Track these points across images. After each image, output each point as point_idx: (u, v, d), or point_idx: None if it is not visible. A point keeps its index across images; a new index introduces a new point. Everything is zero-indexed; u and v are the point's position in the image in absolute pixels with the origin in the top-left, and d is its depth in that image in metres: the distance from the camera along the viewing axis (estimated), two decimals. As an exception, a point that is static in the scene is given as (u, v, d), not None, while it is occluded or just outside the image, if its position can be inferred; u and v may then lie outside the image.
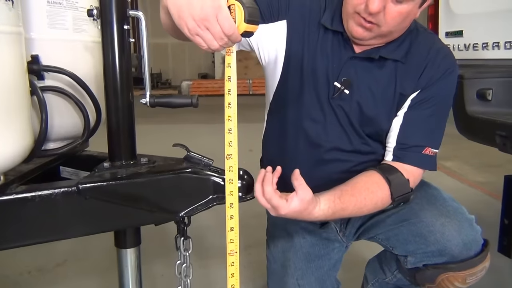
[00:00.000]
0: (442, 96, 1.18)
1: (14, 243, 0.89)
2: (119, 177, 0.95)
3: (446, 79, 1.17)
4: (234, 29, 0.83)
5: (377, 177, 1.13)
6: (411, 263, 1.20)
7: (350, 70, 1.18)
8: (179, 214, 1.00)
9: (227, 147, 0.97)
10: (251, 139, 1.58)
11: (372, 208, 1.12)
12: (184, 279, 1.11)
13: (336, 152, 1.23)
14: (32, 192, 0.87)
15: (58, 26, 1.08)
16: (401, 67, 1.17)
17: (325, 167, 1.25)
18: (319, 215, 1.05)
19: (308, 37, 1.21)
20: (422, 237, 1.15)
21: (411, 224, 1.18)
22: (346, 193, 1.09)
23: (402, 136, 1.18)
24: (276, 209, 1.01)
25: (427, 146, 1.16)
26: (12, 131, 0.84)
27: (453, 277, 1.15)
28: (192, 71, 13.59)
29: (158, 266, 1.99)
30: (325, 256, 1.34)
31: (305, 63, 1.20)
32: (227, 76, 0.95)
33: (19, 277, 1.96)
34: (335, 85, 1.18)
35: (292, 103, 1.24)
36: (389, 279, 1.37)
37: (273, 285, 1.42)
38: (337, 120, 1.21)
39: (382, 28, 1.08)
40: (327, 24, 1.19)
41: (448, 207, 1.17)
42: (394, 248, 1.25)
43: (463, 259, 1.13)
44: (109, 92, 0.99)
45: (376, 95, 1.18)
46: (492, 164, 3.87)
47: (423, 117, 1.17)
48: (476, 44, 2.06)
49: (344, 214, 1.10)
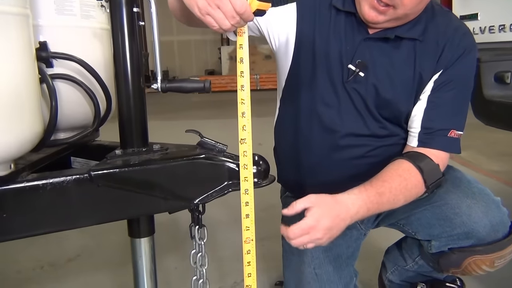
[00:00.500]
0: (464, 76, 1.14)
1: (25, 232, 0.86)
2: (131, 163, 0.92)
3: (466, 58, 1.13)
4: (246, 6, 0.80)
5: (407, 165, 1.08)
6: (436, 247, 1.16)
7: (365, 52, 1.14)
8: (193, 201, 0.97)
9: (240, 131, 0.94)
10: (260, 133, 1.57)
11: (408, 196, 1.07)
12: (200, 269, 1.08)
13: (352, 137, 1.20)
14: (43, 180, 0.85)
15: (66, 12, 1.06)
16: (419, 46, 1.13)
17: (341, 153, 1.21)
18: (355, 207, 0.99)
19: (319, 19, 1.17)
20: (447, 220, 1.12)
21: (435, 207, 1.14)
22: (377, 180, 1.05)
23: (426, 119, 1.14)
24: (311, 229, 0.95)
25: (452, 128, 1.12)
26: (21, 117, 0.82)
27: (481, 260, 1.11)
28: (199, 67, 13.56)
29: (171, 259, 1.97)
30: (343, 245, 1.31)
31: (317, 46, 1.17)
32: (239, 58, 0.92)
33: (32, 272, 1.95)
34: (350, 67, 1.15)
35: (305, 88, 1.21)
36: (410, 266, 1.34)
37: (289, 275, 1.39)
38: (352, 104, 1.17)
39: (398, 10, 1.03)
40: (338, 5, 1.15)
41: (473, 189, 1.13)
42: (417, 233, 1.21)
43: (491, 241, 1.10)
44: (120, 77, 0.97)
45: (394, 77, 1.14)
46: (506, 153, 3.81)
47: (447, 99, 1.13)
48: (492, 27, 2.00)
49: (383, 202, 1.03)
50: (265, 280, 1.82)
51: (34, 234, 0.87)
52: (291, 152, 1.29)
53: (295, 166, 1.29)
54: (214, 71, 12.95)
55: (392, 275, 1.42)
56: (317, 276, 1.29)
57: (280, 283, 1.71)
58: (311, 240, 0.96)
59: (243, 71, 0.92)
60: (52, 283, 1.86)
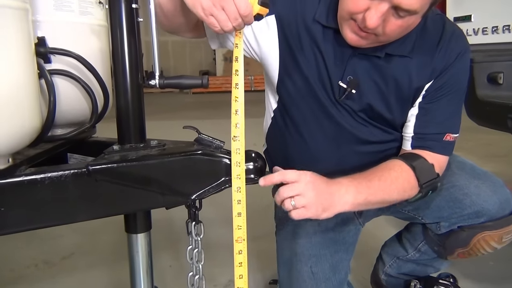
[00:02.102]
0: (457, 80, 1.13)
1: (23, 226, 0.87)
2: (129, 159, 0.93)
3: (458, 63, 1.11)
4: (250, 9, 0.82)
5: (399, 162, 1.08)
6: (446, 227, 1.19)
7: (355, 67, 1.09)
8: (191, 197, 0.98)
9: (233, 129, 0.94)
10: (254, 134, 1.59)
11: (401, 190, 1.05)
12: (196, 265, 1.09)
13: (355, 145, 1.19)
14: (41, 174, 0.85)
15: (64, 8, 1.06)
16: (410, 60, 1.09)
17: (345, 161, 1.20)
18: (345, 181, 1.00)
19: (304, 33, 1.10)
20: (456, 201, 1.14)
21: (443, 189, 1.15)
22: (366, 173, 1.05)
23: (419, 126, 1.13)
24: (296, 177, 0.96)
25: (447, 132, 1.11)
26: (20, 112, 0.82)
27: (490, 236, 1.14)
28: (193, 68, 13.54)
29: (166, 257, 1.97)
30: (340, 240, 1.32)
31: (304, 64, 1.11)
32: (234, 57, 0.94)
33: (26, 270, 1.94)
34: (340, 85, 1.10)
35: (298, 103, 1.17)
36: (411, 255, 1.35)
37: (284, 273, 1.39)
38: (349, 116, 1.15)
39: (380, 37, 1.00)
40: (322, 21, 1.08)
41: (477, 171, 1.17)
42: (424, 216, 1.22)
43: (499, 217, 1.13)
44: (118, 72, 0.97)
45: (387, 94, 1.11)
46: (498, 154, 3.86)
47: (440, 106, 1.12)
48: (485, 28, 2.03)
49: (373, 186, 1.03)
50: (260, 279, 1.82)
51: (32, 228, 0.88)
52: (290, 159, 1.26)
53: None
54: (209, 72, 12.94)
55: (390, 268, 1.43)
56: (313, 275, 1.29)
57: (274, 281, 1.71)
58: (292, 191, 0.95)
59: (237, 69, 0.94)
60: (47, 281, 1.86)
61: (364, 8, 0.94)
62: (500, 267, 1.88)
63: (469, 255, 1.19)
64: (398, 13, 0.93)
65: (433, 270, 1.40)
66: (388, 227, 1.96)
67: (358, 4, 0.95)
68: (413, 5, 0.91)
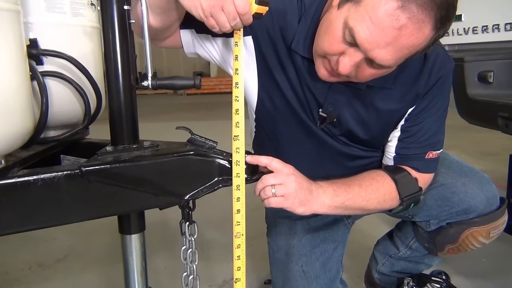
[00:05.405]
0: (438, 102, 1.11)
1: (16, 228, 0.87)
2: (122, 159, 0.93)
3: (442, 86, 1.09)
4: (249, 8, 0.82)
5: (382, 173, 1.10)
6: (435, 224, 1.21)
7: (336, 96, 1.08)
8: (184, 198, 0.98)
9: (234, 128, 0.95)
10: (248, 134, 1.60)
11: (381, 200, 1.06)
12: (190, 265, 1.09)
13: (336, 163, 1.20)
14: (34, 175, 0.85)
15: (56, 10, 1.06)
16: (393, 91, 1.08)
17: (330, 174, 1.18)
18: (323, 183, 1.02)
19: (284, 55, 1.08)
20: (445, 200, 1.16)
21: (431, 189, 1.17)
22: (348, 179, 1.06)
23: (401, 147, 1.14)
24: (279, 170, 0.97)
25: (429, 151, 1.11)
26: (13, 114, 0.82)
27: (477, 232, 1.16)
28: (187, 69, 13.54)
29: (161, 258, 1.98)
30: (329, 239, 1.33)
31: (282, 84, 1.10)
32: (234, 56, 0.94)
33: (20, 273, 1.94)
34: (321, 114, 1.10)
35: (278, 122, 1.17)
36: (402, 252, 1.37)
37: (276, 273, 1.40)
38: (330, 138, 1.16)
39: (352, 79, 0.98)
40: (298, 51, 1.06)
41: (464, 168, 1.19)
42: (414, 215, 1.24)
43: (486, 213, 1.15)
44: (111, 74, 0.97)
45: (368, 121, 1.11)
46: (490, 152, 3.89)
47: (423, 127, 1.11)
48: (475, 28, 2.05)
49: (353, 191, 1.04)
50: (255, 278, 1.83)
51: (25, 229, 0.87)
52: None
53: None
54: (203, 73, 12.95)
55: (383, 267, 1.45)
56: (304, 274, 1.30)
57: (269, 281, 1.72)
58: (275, 180, 0.96)
59: (237, 68, 0.94)
60: (41, 284, 1.86)
61: (339, 52, 0.92)
62: (492, 264, 1.90)
63: (458, 251, 1.20)
64: (371, 64, 0.91)
65: (425, 267, 1.41)
66: (382, 225, 1.98)
67: (333, 46, 0.92)
68: (387, 62, 0.89)
